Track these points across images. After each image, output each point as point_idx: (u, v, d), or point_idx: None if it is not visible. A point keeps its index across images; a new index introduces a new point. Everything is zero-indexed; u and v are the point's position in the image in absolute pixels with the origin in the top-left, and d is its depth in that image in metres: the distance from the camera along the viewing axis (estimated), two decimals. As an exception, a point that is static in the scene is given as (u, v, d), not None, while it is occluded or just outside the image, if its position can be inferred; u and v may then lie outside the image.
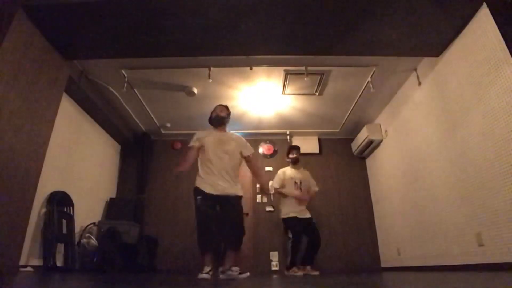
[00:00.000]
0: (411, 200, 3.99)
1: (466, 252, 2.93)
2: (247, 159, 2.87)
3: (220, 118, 2.92)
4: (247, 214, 3.98)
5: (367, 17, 2.75)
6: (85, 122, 4.39)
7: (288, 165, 4.18)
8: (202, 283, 1.84)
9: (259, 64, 3.66)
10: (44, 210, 3.41)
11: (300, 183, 3.94)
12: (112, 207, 4.81)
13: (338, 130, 5.39)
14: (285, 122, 5.12)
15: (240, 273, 2.44)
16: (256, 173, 3.05)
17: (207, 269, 2.45)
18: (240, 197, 2.72)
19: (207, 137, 2.82)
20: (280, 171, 4.10)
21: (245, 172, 4.11)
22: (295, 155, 4.10)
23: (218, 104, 3.10)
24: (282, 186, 3.94)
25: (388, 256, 4.69)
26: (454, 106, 3.07)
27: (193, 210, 2.63)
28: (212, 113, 2.99)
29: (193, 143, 2.79)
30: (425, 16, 2.73)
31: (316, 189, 4.13)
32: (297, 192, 3.85)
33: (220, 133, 2.89)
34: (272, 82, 4.07)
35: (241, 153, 2.85)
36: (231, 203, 2.65)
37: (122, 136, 5.19)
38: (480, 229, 2.73)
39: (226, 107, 3.04)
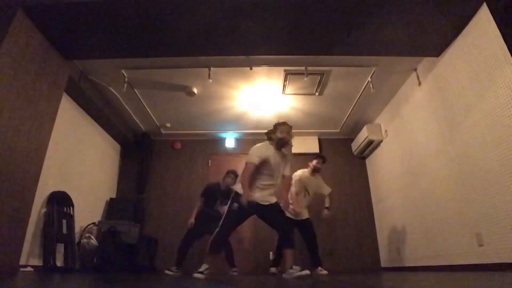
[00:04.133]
0: (411, 200, 3.99)
1: (466, 252, 2.93)
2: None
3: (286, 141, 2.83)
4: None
5: (367, 17, 2.75)
6: (85, 122, 4.39)
7: (307, 168, 4.03)
8: (200, 283, 1.84)
9: (259, 64, 3.66)
10: (44, 210, 3.41)
11: (311, 191, 3.90)
12: (112, 207, 4.82)
13: (338, 130, 5.39)
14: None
15: (298, 271, 2.45)
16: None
17: (205, 267, 2.47)
18: (276, 202, 2.80)
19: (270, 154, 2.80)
20: (300, 175, 3.95)
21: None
22: (318, 165, 3.93)
23: (283, 123, 2.89)
24: (298, 188, 3.87)
25: (388, 256, 4.69)
26: (454, 106, 3.07)
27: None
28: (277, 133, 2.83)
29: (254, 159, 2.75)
30: (425, 16, 2.73)
31: (325, 192, 4.03)
32: (292, 203, 3.80)
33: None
34: (272, 82, 4.06)
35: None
36: (273, 209, 2.74)
37: (122, 136, 5.19)
38: (480, 229, 2.73)
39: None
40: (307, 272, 2.41)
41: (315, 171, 3.97)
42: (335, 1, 2.60)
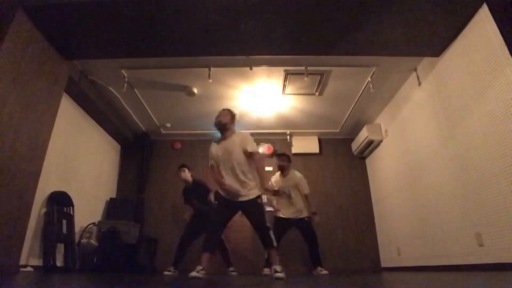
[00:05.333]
0: (411, 200, 3.99)
1: (466, 252, 2.93)
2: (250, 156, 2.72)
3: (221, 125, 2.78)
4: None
5: (367, 17, 2.75)
6: (85, 122, 4.39)
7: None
8: (200, 283, 1.84)
9: (259, 64, 3.66)
10: (44, 210, 3.41)
11: (287, 190, 3.81)
12: (112, 207, 4.82)
13: (338, 130, 5.39)
14: (285, 122, 5.12)
15: (276, 272, 2.42)
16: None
17: (199, 268, 2.46)
18: (256, 198, 2.67)
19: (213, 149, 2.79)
20: (272, 179, 3.97)
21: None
22: (281, 163, 3.89)
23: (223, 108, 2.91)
24: (276, 192, 3.85)
25: (388, 256, 4.69)
26: (454, 106, 3.07)
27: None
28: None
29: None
30: (425, 16, 2.73)
31: (306, 192, 3.87)
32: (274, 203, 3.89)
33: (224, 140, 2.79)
34: (272, 82, 4.07)
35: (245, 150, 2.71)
36: (250, 206, 2.65)
37: (122, 136, 5.19)
38: (480, 229, 2.73)
39: (228, 111, 2.87)
40: (281, 275, 2.37)
41: (280, 170, 3.90)
42: (335, 1, 2.60)
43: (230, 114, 2.82)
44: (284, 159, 3.92)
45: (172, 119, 5.04)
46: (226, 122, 2.76)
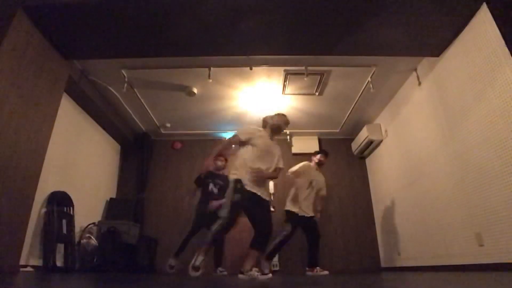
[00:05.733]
0: (411, 200, 3.99)
1: (466, 252, 2.93)
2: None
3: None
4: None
5: (367, 17, 2.75)
6: (85, 122, 4.39)
7: (312, 162, 4.08)
8: (201, 283, 1.84)
9: (259, 64, 3.66)
10: (44, 210, 3.41)
11: (315, 185, 3.89)
12: (112, 207, 4.82)
13: (338, 130, 5.39)
14: (285, 122, 5.11)
15: (263, 274, 2.38)
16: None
17: (201, 258, 2.44)
18: (269, 201, 2.73)
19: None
20: (307, 164, 3.99)
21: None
22: (323, 160, 4.05)
23: (284, 115, 2.97)
24: (298, 174, 3.88)
25: (388, 256, 4.69)
26: (454, 106, 3.07)
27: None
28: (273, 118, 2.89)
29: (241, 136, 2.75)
30: (425, 16, 2.73)
31: (324, 193, 4.05)
32: (302, 192, 3.80)
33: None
34: (272, 82, 4.07)
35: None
36: (263, 205, 2.66)
37: (122, 136, 5.19)
38: (480, 229, 2.73)
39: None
40: (269, 275, 2.35)
41: (319, 165, 4.02)
42: (335, 1, 2.60)
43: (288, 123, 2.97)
44: (326, 157, 4.13)
45: (172, 119, 5.04)
46: (283, 131, 2.93)
